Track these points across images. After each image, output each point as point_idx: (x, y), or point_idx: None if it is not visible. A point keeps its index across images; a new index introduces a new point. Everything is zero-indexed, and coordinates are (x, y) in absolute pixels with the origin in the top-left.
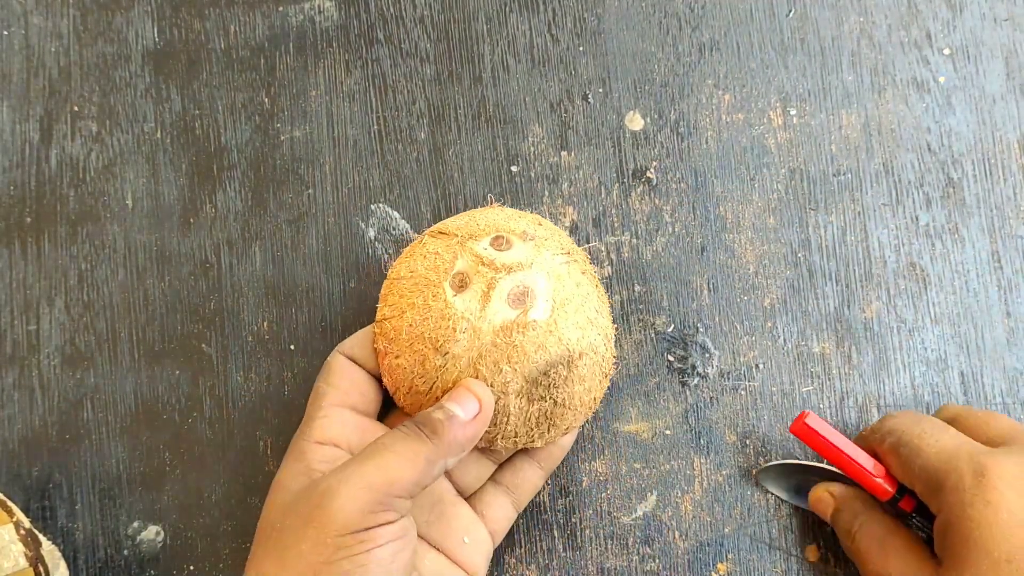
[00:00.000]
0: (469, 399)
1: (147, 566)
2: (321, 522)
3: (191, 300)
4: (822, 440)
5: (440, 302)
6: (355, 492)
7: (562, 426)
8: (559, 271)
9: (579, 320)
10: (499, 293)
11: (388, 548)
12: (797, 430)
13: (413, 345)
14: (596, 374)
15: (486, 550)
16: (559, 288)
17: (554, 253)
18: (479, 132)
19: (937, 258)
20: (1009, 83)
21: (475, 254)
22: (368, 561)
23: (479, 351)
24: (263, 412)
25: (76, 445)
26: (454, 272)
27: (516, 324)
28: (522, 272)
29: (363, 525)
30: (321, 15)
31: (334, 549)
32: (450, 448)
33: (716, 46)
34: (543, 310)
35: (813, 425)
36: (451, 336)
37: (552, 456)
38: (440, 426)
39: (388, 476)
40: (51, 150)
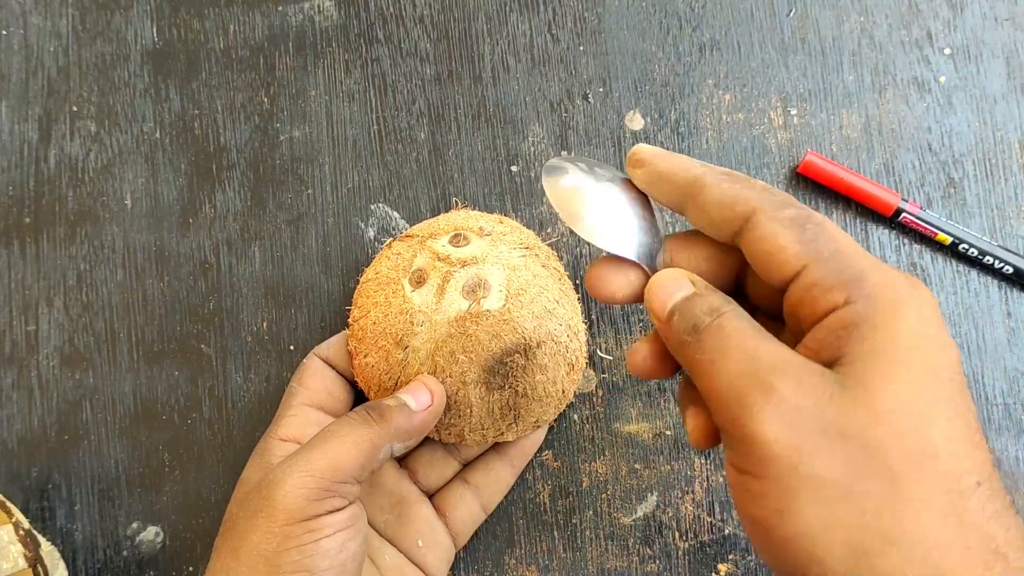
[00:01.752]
0: (421, 391)
1: (146, 567)
2: (269, 512)
3: (190, 300)
4: (828, 173)
5: (399, 298)
6: (299, 480)
7: (529, 418)
8: (515, 263)
9: (535, 310)
10: (454, 285)
11: (336, 538)
12: (805, 169)
13: (377, 342)
14: (559, 364)
15: (444, 553)
16: (514, 279)
17: (511, 247)
18: (479, 132)
19: (937, 258)
20: (1010, 83)
21: (433, 251)
22: (315, 551)
23: (436, 342)
24: (262, 412)
25: (75, 446)
26: (412, 269)
27: (469, 314)
28: (476, 266)
29: (309, 513)
30: (321, 15)
31: (282, 539)
32: (396, 433)
33: (716, 46)
34: (496, 300)
35: (816, 162)
36: (409, 330)
37: (523, 452)
38: (388, 412)
39: (332, 462)
40: (50, 150)
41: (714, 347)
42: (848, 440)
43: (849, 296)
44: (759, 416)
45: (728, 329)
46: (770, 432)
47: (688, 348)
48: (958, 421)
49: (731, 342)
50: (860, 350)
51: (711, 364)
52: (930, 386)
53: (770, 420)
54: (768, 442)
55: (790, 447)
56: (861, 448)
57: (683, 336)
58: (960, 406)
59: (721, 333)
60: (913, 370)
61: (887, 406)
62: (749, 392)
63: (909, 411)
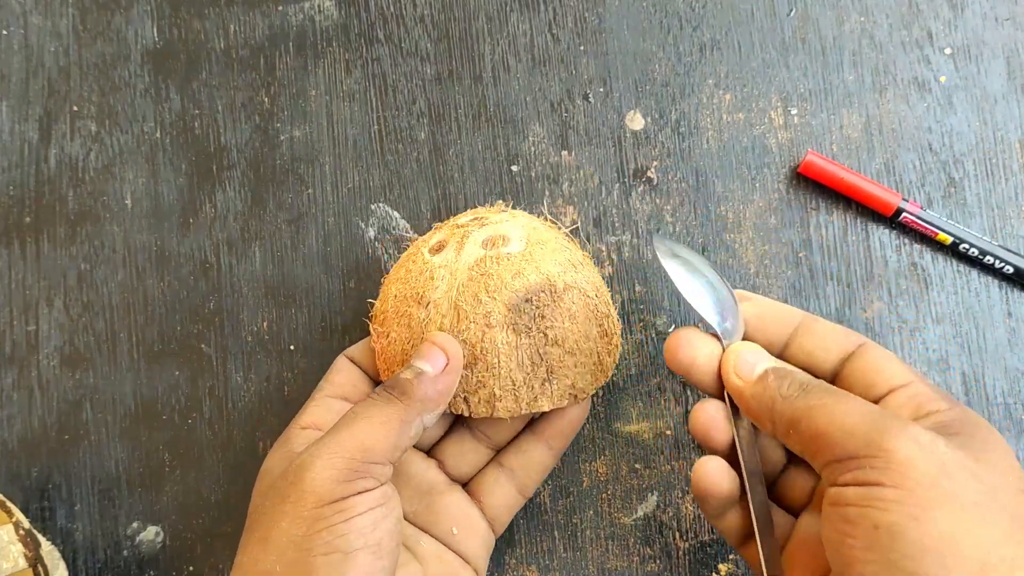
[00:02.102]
0: (434, 352)
1: (146, 567)
2: (297, 497)
3: (190, 300)
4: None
5: (419, 263)
6: (328, 462)
7: (564, 379)
8: (534, 224)
9: (559, 259)
10: (473, 240)
11: (368, 516)
12: (805, 169)
13: (399, 311)
14: (590, 320)
15: (482, 540)
16: (534, 232)
17: (531, 218)
18: (479, 132)
19: (938, 258)
20: (1010, 83)
21: (452, 225)
22: (348, 530)
23: (457, 288)
24: (263, 413)
25: (75, 446)
26: (433, 242)
27: (489, 256)
28: (494, 226)
29: (339, 495)
30: (321, 14)
31: (312, 521)
32: (423, 405)
33: (717, 45)
34: (517, 246)
35: (816, 162)
36: (429, 285)
37: (561, 433)
38: (409, 385)
39: (362, 442)
40: (50, 150)
41: (832, 395)
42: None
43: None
44: (900, 436)
45: (838, 388)
46: (912, 449)
47: (795, 400)
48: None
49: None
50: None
51: (835, 406)
52: None
53: (910, 441)
54: (911, 456)
55: (932, 463)
56: (989, 489)
57: (786, 391)
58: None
59: (833, 389)
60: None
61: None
62: (884, 420)
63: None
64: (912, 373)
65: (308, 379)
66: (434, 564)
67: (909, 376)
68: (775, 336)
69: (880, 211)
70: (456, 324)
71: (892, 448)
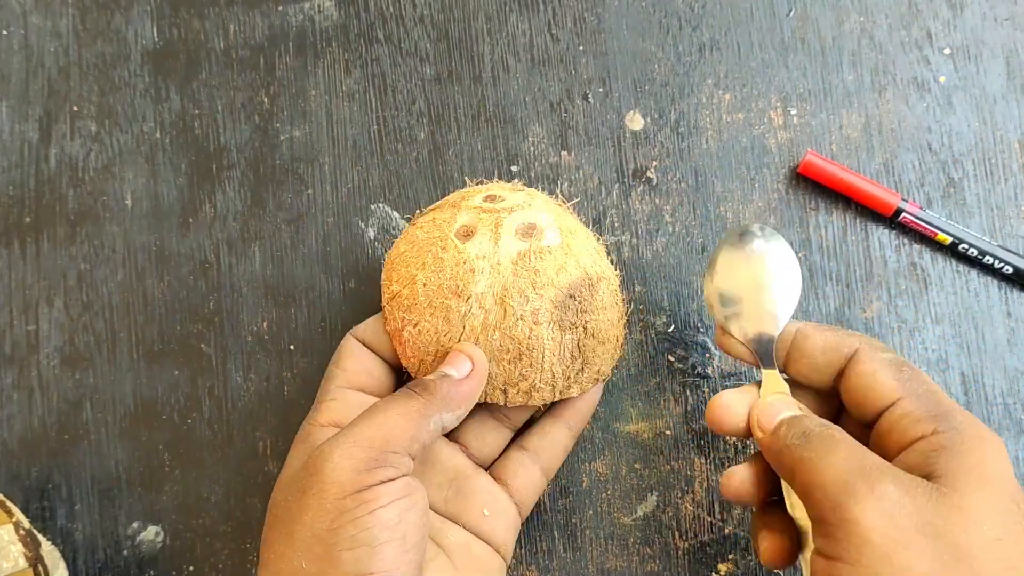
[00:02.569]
0: (461, 359)
1: (146, 567)
2: (319, 488)
3: (190, 300)
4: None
5: (451, 252)
6: (347, 451)
7: (594, 365)
8: (557, 209)
9: (588, 248)
10: (507, 229)
11: (392, 508)
12: (805, 169)
13: (432, 302)
14: (616, 305)
15: (511, 521)
16: (560, 220)
17: (545, 198)
18: (479, 132)
19: (937, 258)
20: (1010, 83)
21: (473, 207)
22: (372, 523)
23: (503, 284)
24: (262, 412)
25: (75, 446)
26: (457, 226)
27: (532, 251)
28: (522, 211)
29: (360, 485)
30: (321, 15)
31: (336, 514)
32: (445, 403)
33: (716, 45)
34: (554, 238)
35: (816, 162)
36: (470, 278)
37: (579, 412)
38: (432, 384)
39: (381, 432)
40: (50, 150)
41: (823, 446)
42: (940, 539)
43: (938, 427)
44: (863, 503)
45: (837, 436)
46: (871, 519)
47: (793, 450)
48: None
49: (840, 444)
50: (952, 468)
51: (818, 460)
52: (1011, 510)
53: (872, 508)
54: (868, 528)
55: (887, 537)
56: (952, 548)
57: (791, 440)
58: None
59: (831, 437)
60: (999, 492)
61: (978, 514)
62: (856, 481)
63: (996, 523)
64: (901, 384)
65: (308, 379)
66: (462, 556)
67: (896, 391)
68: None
69: (880, 211)
70: (502, 320)
71: (853, 518)
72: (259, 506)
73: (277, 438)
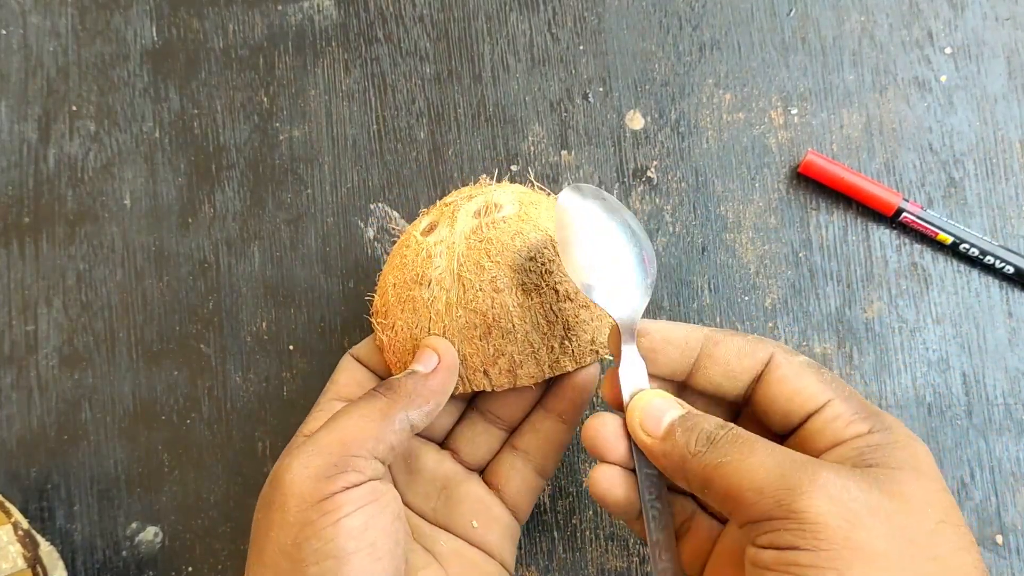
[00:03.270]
0: (427, 354)
1: (145, 567)
2: (280, 502)
3: (189, 300)
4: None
5: (413, 247)
6: (306, 460)
7: (583, 332)
8: (524, 189)
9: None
10: (464, 212)
11: (357, 516)
12: (806, 169)
13: (400, 298)
14: None
15: (505, 530)
16: (525, 196)
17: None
18: (479, 131)
19: (938, 258)
20: (1011, 82)
21: (441, 205)
22: (336, 534)
23: (457, 260)
24: (262, 413)
25: (74, 446)
26: (423, 225)
27: (484, 224)
28: (482, 196)
29: (321, 494)
30: (320, 14)
31: (298, 528)
32: (409, 400)
33: (717, 45)
34: (511, 209)
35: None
36: (428, 263)
37: (571, 403)
38: (397, 383)
39: (340, 437)
40: (49, 150)
41: (739, 449)
42: (891, 522)
43: (873, 427)
44: (809, 493)
45: (746, 437)
46: (822, 506)
47: (701, 457)
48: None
49: (756, 444)
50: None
51: (740, 463)
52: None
53: (820, 496)
54: (821, 514)
55: (843, 518)
56: (903, 530)
57: (695, 447)
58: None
59: (741, 439)
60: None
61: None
62: (793, 476)
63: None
64: (828, 387)
65: (307, 379)
66: (455, 563)
67: (824, 394)
68: (680, 366)
69: (880, 211)
70: (462, 296)
71: (802, 508)
72: None
73: (276, 438)
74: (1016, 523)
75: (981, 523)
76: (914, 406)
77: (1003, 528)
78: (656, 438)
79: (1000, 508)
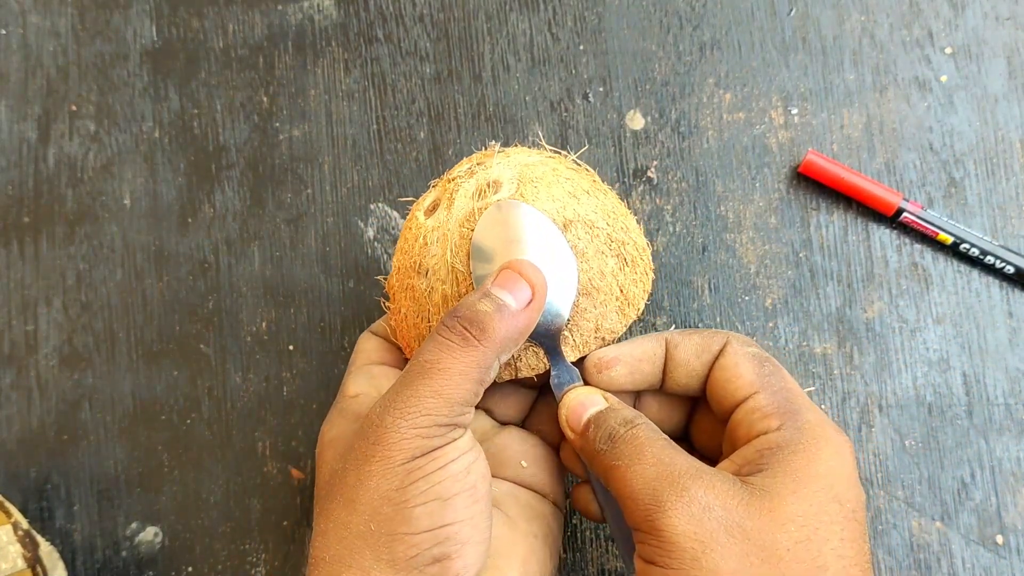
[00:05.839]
0: (517, 282)
1: (145, 567)
2: (384, 455)
3: (189, 300)
4: (829, 172)
5: (414, 229)
6: (415, 421)
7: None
8: (529, 162)
9: (555, 193)
10: (463, 193)
11: (461, 461)
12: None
13: (403, 284)
14: (603, 252)
15: (552, 464)
16: (526, 170)
17: (528, 155)
18: (479, 131)
19: (939, 258)
20: (1011, 82)
21: (446, 179)
22: (444, 476)
23: (451, 250)
24: (262, 413)
25: (74, 446)
26: (427, 203)
27: (478, 207)
28: (484, 171)
29: (429, 447)
30: (320, 14)
31: (405, 474)
32: (503, 345)
33: (717, 45)
34: (507, 191)
35: (817, 161)
36: (425, 251)
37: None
38: (489, 321)
39: (444, 398)
40: (49, 149)
41: (629, 454)
42: (748, 541)
43: (783, 424)
44: (670, 512)
45: (642, 439)
46: (678, 526)
47: (603, 456)
48: (851, 546)
49: (645, 450)
50: (777, 467)
51: (626, 469)
52: (831, 511)
53: (680, 516)
54: (676, 535)
55: (695, 541)
56: (759, 549)
57: (599, 445)
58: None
59: (636, 442)
60: (818, 493)
61: (788, 515)
62: (663, 491)
63: (807, 523)
64: (760, 379)
65: (307, 379)
66: (512, 506)
67: (753, 385)
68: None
69: (881, 211)
70: (456, 289)
71: (662, 527)
72: (258, 507)
73: (276, 438)
74: (1016, 523)
75: (981, 523)
76: (914, 406)
77: (1003, 528)
78: (577, 434)
79: (1000, 508)
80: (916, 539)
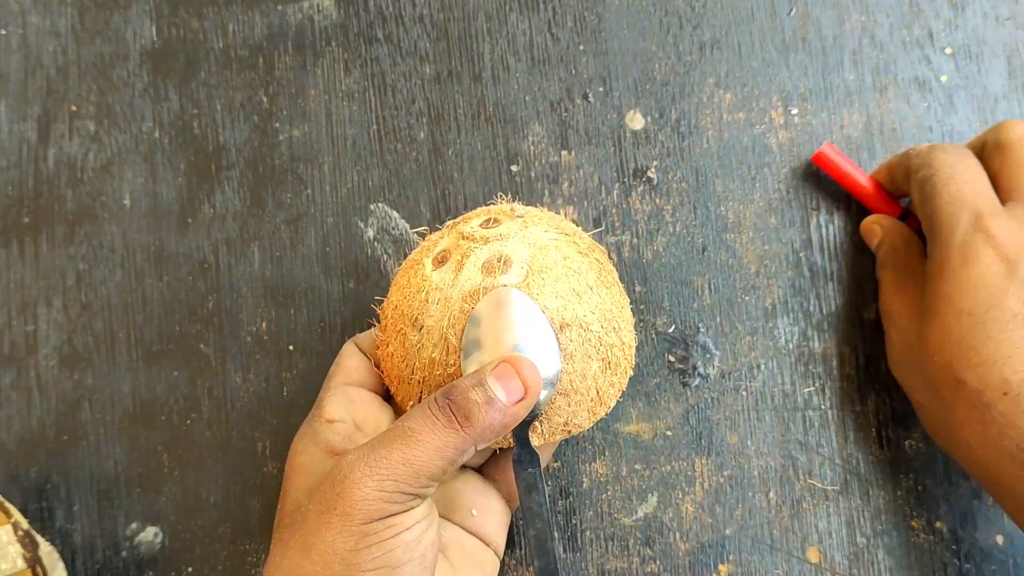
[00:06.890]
0: (512, 379)
1: (145, 567)
2: (345, 511)
3: (189, 300)
4: (837, 167)
5: (419, 277)
6: (379, 483)
7: (554, 416)
8: (544, 243)
9: (560, 290)
10: (473, 261)
11: (415, 530)
12: (818, 159)
13: (395, 327)
14: (590, 356)
15: (500, 518)
16: (539, 256)
17: (544, 230)
18: (479, 131)
19: None
20: (1011, 82)
21: (460, 232)
22: (396, 545)
23: (449, 319)
24: (262, 413)
25: (74, 446)
26: (437, 250)
27: (483, 288)
28: (500, 242)
29: (389, 512)
30: (320, 14)
31: (360, 536)
32: (483, 435)
33: (717, 45)
34: (516, 276)
35: (829, 153)
36: (424, 309)
37: None
38: (476, 411)
39: (415, 468)
40: (49, 150)
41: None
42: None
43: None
44: None
45: None
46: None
47: None
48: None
49: None
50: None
51: None
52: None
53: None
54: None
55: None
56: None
57: None
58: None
59: None
60: None
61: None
62: None
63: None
64: None
65: (307, 379)
66: (457, 552)
67: None
68: None
69: (887, 212)
70: (445, 357)
71: None
72: (258, 507)
73: (276, 439)
74: None
75: (982, 523)
76: None
77: (1004, 528)
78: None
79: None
80: (916, 539)
